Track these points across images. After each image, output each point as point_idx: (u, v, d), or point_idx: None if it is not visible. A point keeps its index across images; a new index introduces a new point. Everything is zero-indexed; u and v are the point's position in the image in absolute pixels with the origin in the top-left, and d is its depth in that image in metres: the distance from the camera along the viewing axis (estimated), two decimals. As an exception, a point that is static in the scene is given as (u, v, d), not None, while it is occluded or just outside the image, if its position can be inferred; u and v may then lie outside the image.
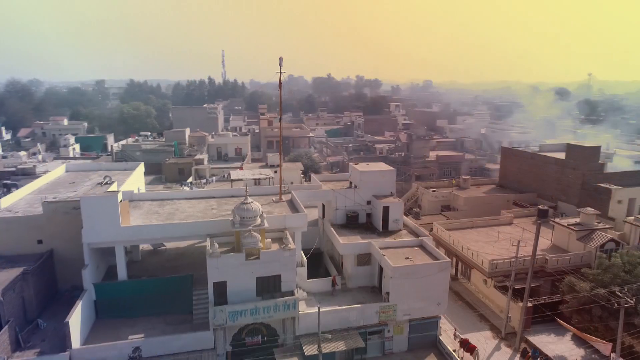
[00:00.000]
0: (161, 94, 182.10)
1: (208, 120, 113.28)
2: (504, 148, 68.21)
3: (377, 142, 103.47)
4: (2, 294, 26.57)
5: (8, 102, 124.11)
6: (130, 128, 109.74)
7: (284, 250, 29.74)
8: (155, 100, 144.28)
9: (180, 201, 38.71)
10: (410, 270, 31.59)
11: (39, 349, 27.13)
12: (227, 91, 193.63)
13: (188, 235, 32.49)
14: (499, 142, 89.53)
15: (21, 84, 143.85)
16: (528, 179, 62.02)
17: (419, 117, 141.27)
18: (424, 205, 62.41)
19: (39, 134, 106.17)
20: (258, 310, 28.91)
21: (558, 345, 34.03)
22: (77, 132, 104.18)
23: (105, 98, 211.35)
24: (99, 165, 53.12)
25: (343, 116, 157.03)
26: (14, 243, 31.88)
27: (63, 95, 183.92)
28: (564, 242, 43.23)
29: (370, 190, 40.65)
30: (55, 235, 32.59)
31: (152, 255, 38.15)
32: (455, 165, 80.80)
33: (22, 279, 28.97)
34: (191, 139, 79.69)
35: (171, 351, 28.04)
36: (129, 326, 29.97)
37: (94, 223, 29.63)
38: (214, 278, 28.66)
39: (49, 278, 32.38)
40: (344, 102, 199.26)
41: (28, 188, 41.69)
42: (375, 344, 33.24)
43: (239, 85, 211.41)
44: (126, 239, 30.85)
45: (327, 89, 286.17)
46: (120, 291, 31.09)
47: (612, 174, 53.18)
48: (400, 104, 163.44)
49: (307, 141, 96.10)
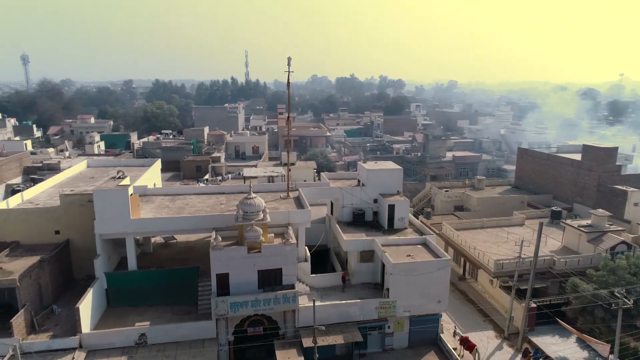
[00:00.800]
0: (185, 94, 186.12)
1: (229, 120, 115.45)
2: (520, 149, 67.44)
3: (395, 142, 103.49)
4: (19, 280, 28.27)
5: (39, 101, 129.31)
6: (153, 126, 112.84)
7: (285, 245, 30.56)
8: (179, 99, 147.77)
9: (191, 196, 40.00)
10: (409, 267, 31.97)
11: (52, 332, 28.77)
12: (249, 91, 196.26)
13: (194, 229, 33.67)
14: (518, 143, 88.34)
15: (52, 84, 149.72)
16: (544, 180, 61.24)
17: (439, 117, 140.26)
18: (437, 205, 62.30)
19: (67, 132, 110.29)
20: (259, 302, 29.82)
21: (561, 347, 33.77)
22: (102, 130, 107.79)
23: (133, 97, 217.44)
24: (118, 161, 55.23)
25: (363, 116, 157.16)
26: (33, 233, 33.70)
27: (92, 94, 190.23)
28: (574, 243, 42.69)
29: (377, 189, 41.06)
30: (71, 226, 34.29)
31: (163, 248, 39.61)
32: (471, 166, 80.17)
33: (38, 267, 30.70)
34: (210, 138, 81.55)
35: (175, 339, 29.25)
36: (138, 314, 31.37)
37: (106, 215, 31.13)
38: (217, 270, 29.71)
39: (64, 267, 34.12)
40: (366, 102, 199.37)
41: (50, 182, 43.90)
42: (375, 339, 33.76)
43: (260, 86, 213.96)
44: (135, 231, 32.26)
45: (349, 89, 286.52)
46: (130, 281, 32.56)
47: (629, 176, 52.17)
48: (421, 104, 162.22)
49: (324, 140, 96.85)
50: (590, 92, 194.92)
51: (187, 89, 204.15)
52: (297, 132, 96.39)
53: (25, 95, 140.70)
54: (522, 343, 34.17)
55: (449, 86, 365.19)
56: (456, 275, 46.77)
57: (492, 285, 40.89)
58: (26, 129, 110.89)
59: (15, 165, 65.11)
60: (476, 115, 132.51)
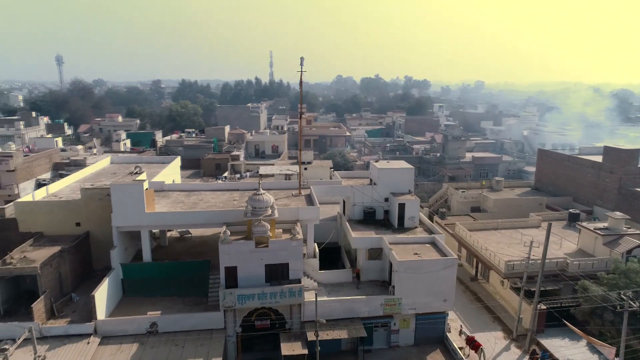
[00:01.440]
0: (210, 94, 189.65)
1: (251, 119, 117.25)
2: (540, 150, 66.35)
3: (416, 142, 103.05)
4: (40, 268, 29.93)
5: (71, 100, 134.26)
6: (178, 125, 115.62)
7: (292, 240, 31.29)
8: (203, 99, 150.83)
9: (205, 192, 41.20)
10: (415, 264, 32.21)
11: (69, 318, 30.34)
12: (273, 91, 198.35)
13: (205, 223, 34.80)
14: (541, 145, 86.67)
15: (83, 84, 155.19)
16: (564, 183, 60.14)
17: (462, 118, 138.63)
18: (453, 205, 61.96)
19: (96, 130, 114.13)
20: (265, 295, 30.63)
21: (571, 350, 33.36)
22: (129, 128, 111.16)
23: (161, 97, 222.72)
24: (140, 158, 57.19)
25: (386, 116, 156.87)
26: (55, 224, 35.48)
27: (122, 94, 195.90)
28: (590, 246, 41.97)
29: (388, 188, 41.35)
30: (91, 218, 35.92)
31: (178, 242, 40.96)
32: (491, 167, 79.19)
33: (59, 256, 32.37)
34: (230, 136, 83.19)
35: (184, 328, 30.36)
36: (151, 304, 32.64)
37: (122, 208, 32.55)
38: (226, 263, 30.68)
39: (84, 257, 35.77)
40: (389, 103, 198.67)
41: (75, 176, 45.94)
42: (381, 336, 34.13)
43: (284, 86, 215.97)
44: (150, 224, 33.59)
45: (374, 89, 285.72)
46: (145, 272, 33.92)
47: (652, 179, 50.66)
48: (444, 104, 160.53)
49: (344, 140, 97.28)
50: (623, 93, 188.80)
51: (212, 89, 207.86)
52: (317, 132, 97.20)
53: (58, 94, 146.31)
54: (529, 344, 33.90)
55: (475, 87, 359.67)
56: (468, 276, 46.64)
57: (503, 286, 40.62)
58: (58, 127, 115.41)
59: (45, 161, 68.10)
60: (500, 116, 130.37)
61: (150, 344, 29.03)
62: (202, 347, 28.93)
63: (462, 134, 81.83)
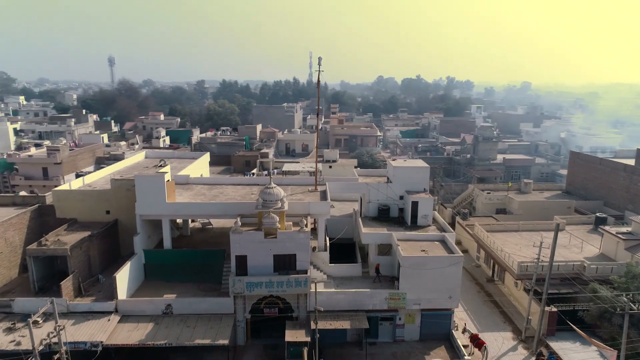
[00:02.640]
0: (250, 93, 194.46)
1: (285, 118, 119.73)
2: (572, 152, 64.43)
3: (448, 143, 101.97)
4: (70, 250, 32.84)
5: (118, 99, 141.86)
6: (215, 123, 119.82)
7: (300, 232, 32.64)
8: (240, 98, 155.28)
9: (227, 186, 43.28)
10: (420, 260, 32.75)
11: (94, 297, 33.07)
12: (310, 91, 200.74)
13: (221, 214, 36.81)
14: (579, 147, 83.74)
15: (129, 84, 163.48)
16: (595, 186, 58.26)
17: (501, 119, 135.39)
18: (478, 207, 61.36)
19: (139, 127, 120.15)
20: (272, 284, 32.14)
21: (580, 354, 32.81)
22: (170, 126, 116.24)
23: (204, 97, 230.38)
24: (172, 153, 60.36)
25: (422, 117, 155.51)
26: (88, 212, 38.56)
27: (167, 93, 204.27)
28: (612, 251, 40.81)
29: (403, 186, 41.82)
30: (119, 207, 38.70)
31: (200, 232, 43.31)
32: (524, 169, 77.38)
33: (88, 240, 35.28)
34: (262, 135, 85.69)
35: (197, 311, 32.37)
36: (169, 288, 34.90)
37: (145, 198, 35.03)
38: (236, 252, 32.44)
39: (112, 243, 38.63)
40: (428, 104, 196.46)
41: (110, 169, 49.32)
42: (386, 330, 34.86)
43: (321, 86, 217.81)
44: (170, 213, 35.92)
45: (414, 90, 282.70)
46: (165, 258, 36.31)
47: (687, 184, 48.33)
48: (482, 105, 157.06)
49: (375, 140, 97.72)
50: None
51: (252, 89, 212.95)
52: (348, 132, 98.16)
53: (107, 94, 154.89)
54: (537, 346, 33.60)
55: (521, 88, 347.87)
56: (485, 277, 46.35)
57: (517, 288, 40.24)
58: (105, 124, 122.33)
59: (89, 155, 73.10)
60: (541, 118, 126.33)
61: (165, 324, 31.19)
62: (212, 330, 30.78)
63: (493, 135, 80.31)
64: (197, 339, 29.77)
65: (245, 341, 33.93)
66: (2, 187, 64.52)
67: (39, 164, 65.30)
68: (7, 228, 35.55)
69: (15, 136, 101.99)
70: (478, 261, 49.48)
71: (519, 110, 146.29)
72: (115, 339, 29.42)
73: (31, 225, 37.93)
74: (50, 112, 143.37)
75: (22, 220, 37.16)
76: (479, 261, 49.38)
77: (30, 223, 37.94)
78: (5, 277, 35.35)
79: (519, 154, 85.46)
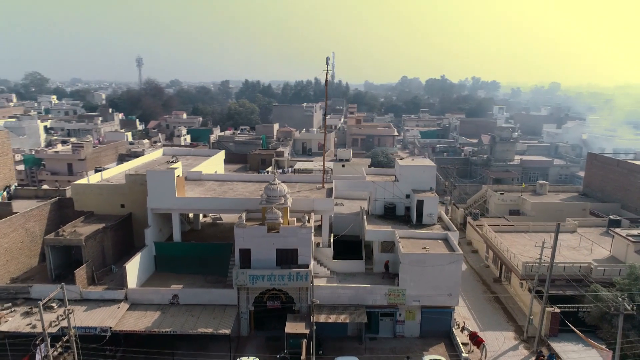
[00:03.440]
0: (272, 93, 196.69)
1: (304, 118, 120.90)
2: (589, 154, 63.28)
3: (467, 144, 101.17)
4: (85, 240, 34.63)
5: (144, 99, 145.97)
6: (236, 123, 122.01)
7: (302, 228, 33.51)
8: (262, 98, 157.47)
9: (237, 183, 44.54)
10: (419, 257, 33.16)
11: (106, 285, 34.75)
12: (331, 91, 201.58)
13: (228, 209, 38.04)
14: (601, 149, 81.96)
15: (154, 84, 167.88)
16: (612, 188, 57.14)
17: (524, 120, 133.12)
18: (492, 207, 60.98)
19: (163, 126, 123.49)
20: (274, 277, 33.12)
21: (582, 355, 32.57)
22: (192, 125, 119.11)
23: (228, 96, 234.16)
24: (188, 150, 62.21)
25: (444, 118, 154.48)
26: (104, 205, 40.44)
27: (191, 93, 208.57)
28: (622, 253, 40.20)
29: (409, 184, 42.19)
30: (134, 201, 40.40)
31: (211, 227, 44.72)
32: (542, 171, 76.21)
33: (102, 232, 37.04)
34: (279, 134, 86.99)
35: (201, 302, 33.62)
36: (177, 279, 36.33)
37: (156, 192, 36.57)
38: (240, 245, 33.55)
39: (126, 235, 40.35)
40: (451, 104, 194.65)
41: (128, 164, 51.37)
42: (387, 325, 35.39)
43: (343, 86, 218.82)
44: (179, 207, 37.33)
45: (438, 90, 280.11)
46: (174, 250, 37.77)
47: None
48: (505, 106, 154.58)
49: (392, 140, 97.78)
50: None
51: (274, 89, 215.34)
52: (365, 132, 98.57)
53: (133, 93, 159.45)
54: (537, 346, 33.52)
55: (550, 89, 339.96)
56: (492, 277, 46.22)
57: (522, 288, 40.07)
58: (130, 123, 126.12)
59: (112, 152, 75.82)
60: (565, 119, 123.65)
61: (171, 313, 32.55)
62: (215, 319, 31.96)
63: (510, 136, 79.34)
64: (200, 328, 31.00)
65: (248, 332, 35.03)
66: (30, 181, 67.69)
67: (64, 160, 68.28)
68: (28, 219, 37.70)
69: (46, 133, 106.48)
70: (487, 261, 49.32)
71: (543, 111, 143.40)
72: (123, 326, 30.94)
73: (51, 217, 40.05)
74: (79, 111, 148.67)
75: (42, 212, 39.29)
76: (487, 261, 49.22)
77: (50, 215, 40.06)
78: (26, 265, 37.51)
79: (538, 155, 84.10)
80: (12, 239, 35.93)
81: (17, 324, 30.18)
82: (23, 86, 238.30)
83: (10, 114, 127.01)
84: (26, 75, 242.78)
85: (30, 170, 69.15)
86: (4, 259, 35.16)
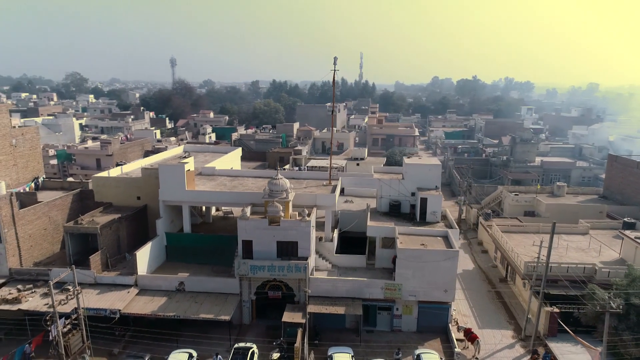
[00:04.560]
0: (298, 93, 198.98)
1: (328, 118, 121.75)
2: (610, 156, 61.73)
3: (490, 144, 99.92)
4: (100, 229, 36.99)
5: (174, 98, 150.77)
6: (261, 122, 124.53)
7: (301, 221, 34.74)
8: (287, 98, 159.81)
9: (248, 178, 46.26)
10: (415, 253, 33.79)
11: (119, 271, 37.02)
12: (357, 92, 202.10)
13: (234, 202, 39.71)
14: (628, 152, 79.51)
15: (185, 83, 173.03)
16: (633, 191, 55.65)
17: (553, 121, 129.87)
18: (506, 208, 60.41)
19: (190, 124, 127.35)
20: (274, 268, 34.47)
21: (579, 355, 32.38)
22: (218, 124, 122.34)
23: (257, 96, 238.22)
24: (207, 147, 64.53)
25: (471, 119, 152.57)
26: (121, 197, 42.83)
27: (221, 93, 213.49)
28: (630, 255, 39.47)
29: (415, 183, 42.69)
30: (149, 194, 42.58)
31: (221, 220, 46.56)
32: (564, 173, 74.65)
33: (117, 222, 39.39)
34: (299, 133, 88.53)
35: (206, 289, 35.36)
36: (185, 268, 38.24)
37: (167, 185, 38.61)
38: (243, 237, 35.09)
39: (141, 225, 42.63)
40: (480, 105, 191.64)
41: (149, 159, 53.85)
42: (384, 319, 36.18)
43: (369, 87, 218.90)
44: (188, 200, 39.25)
45: (469, 91, 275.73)
46: (183, 241, 39.75)
47: None
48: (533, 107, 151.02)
49: (413, 140, 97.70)
50: None
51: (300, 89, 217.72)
52: (385, 131, 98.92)
53: (164, 93, 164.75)
54: (533, 344, 33.53)
55: (587, 90, 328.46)
56: (499, 277, 46.11)
57: (525, 288, 39.94)
58: (160, 121, 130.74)
59: (138, 148, 79.19)
60: (597, 120, 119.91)
61: (176, 299, 34.43)
62: (216, 307, 33.62)
63: (531, 137, 78.03)
64: (202, 314, 32.73)
65: (250, 320, 36.55)
66: (62, 174, 71.78)
67: (93, 156, 72.06)
68: (52, 208, 40.49)
69: (81, 131, 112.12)
70: (495, 261, 49.18)
71: (573, 112, 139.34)
72: (131, 309, 33.01)
73: (73, 207, 42.79)
74: (114, 110, 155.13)
75: (64, 202, 42.06)
76: (495, 261, 49.08)
77: (72, 205, 42.81)
78: (48, 250, 40.31)
79: (562, 156, 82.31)
80: (36, 226, 38.74)
81: (35, 304, 32.72)
82: (64, 86, 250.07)
83: (50, 112, 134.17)
84: (67, 75, 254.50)
85: (62, 165, 73.32)
86: (28, 244, 37.98)
